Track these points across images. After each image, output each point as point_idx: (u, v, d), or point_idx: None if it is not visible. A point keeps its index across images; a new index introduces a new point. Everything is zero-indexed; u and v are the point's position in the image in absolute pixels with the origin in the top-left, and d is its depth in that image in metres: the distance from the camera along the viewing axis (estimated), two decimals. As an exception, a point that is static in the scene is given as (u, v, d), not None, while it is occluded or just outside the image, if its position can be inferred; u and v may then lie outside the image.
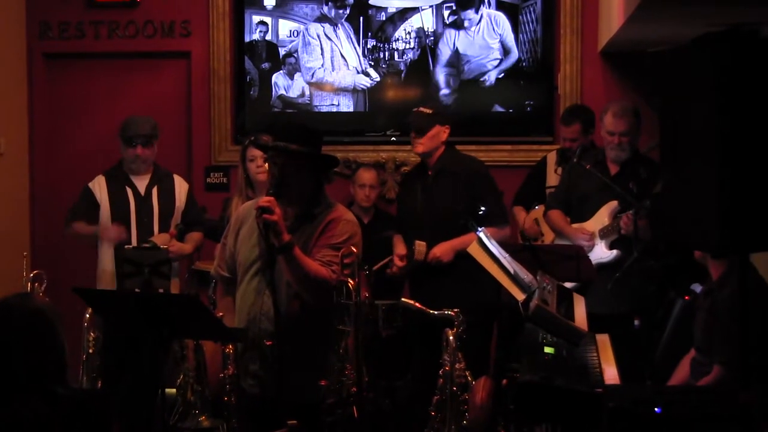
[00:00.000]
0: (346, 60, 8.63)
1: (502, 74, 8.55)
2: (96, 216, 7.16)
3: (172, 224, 7.21)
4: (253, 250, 5.16)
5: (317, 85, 8.69)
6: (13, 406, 3.74)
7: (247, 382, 5.19)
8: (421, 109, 7.12)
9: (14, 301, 4.09)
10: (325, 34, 8.63)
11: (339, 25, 8.61)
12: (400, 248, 7.10)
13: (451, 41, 8.53)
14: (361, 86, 8.66)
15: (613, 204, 6.76)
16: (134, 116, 7.37)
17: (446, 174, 6.98)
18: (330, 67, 8.66)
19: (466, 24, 8.52)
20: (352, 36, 8.63)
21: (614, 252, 6.72)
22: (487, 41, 8.53)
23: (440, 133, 6.97)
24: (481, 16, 8.51)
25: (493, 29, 8.51)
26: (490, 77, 8.55)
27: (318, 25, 8.63)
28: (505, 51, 8.53)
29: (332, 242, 5.11)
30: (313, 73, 8.68)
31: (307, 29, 8.64)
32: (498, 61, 8.53)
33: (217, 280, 5.61)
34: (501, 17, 8.51)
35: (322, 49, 8.65)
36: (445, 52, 8.56)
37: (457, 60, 8.55)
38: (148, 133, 7.20)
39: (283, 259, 4.91)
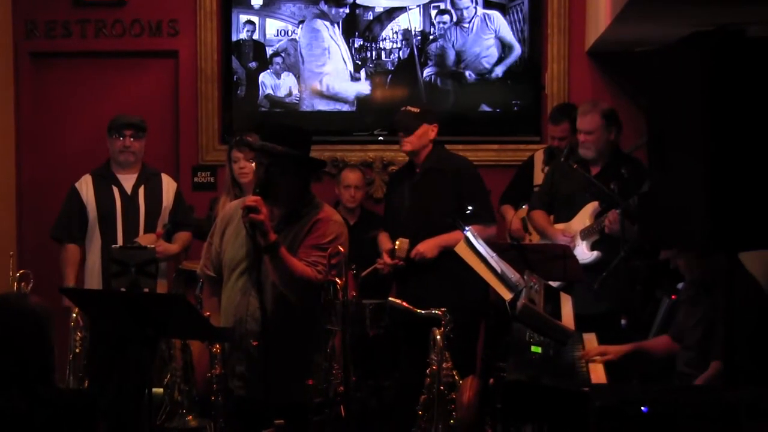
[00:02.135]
0: (345, 62, 8.63)
1: (506, 71, 8.56)
2: (85, 218, 7.16)
3: (160, 224, 7.20)
4: (239, 249, 5.15)
5: (314, 87, 8.68)
6: (10, 397, 3.75)
7: (234, 383, 5.19)
8: (408, 108, 7.10)
9: (9, 299, 4.11)
10: (330, 36, 8.63)
11: (335, 24, 8.61)
12: (386, 244, 7.09)
13: (452, 38, 8.54)
14: (358, 92, 8.66)
15: (595, 204, 6.77)
16: (122, 113, 7.42)
17: (434, 172, 6.98)
18: (334, 70, 8.65)
19: (458, 15, 8.51)
20: (344, 37, 8.63)
21: (595, 253, 6.72)
22: (482, 37, 8.53)
23: (428, 131, 6.97)
24: (475, 13, 8.51)
25: (487, 26, 8.52)
26: (496, 73, 8.55)
27: (321, 22, 8.61)
28: (505, 47, 8.54)
29: (318, 242, 5.10)
30: (321, 80, 8.67)
31: (316, 28, 8.63)
32: (497, 58, 8.54)
33: (204, 280, 5.60)
34: (494, 15, 8.51)
35: (329, 51, 8.64)
36: (447, 48, 8.56)
37: (456, 57, 8.56)
38: (137, 123, 7.21)
39: (269, 259, 4.90)
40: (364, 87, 8.67)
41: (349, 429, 5.46)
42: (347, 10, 8.62)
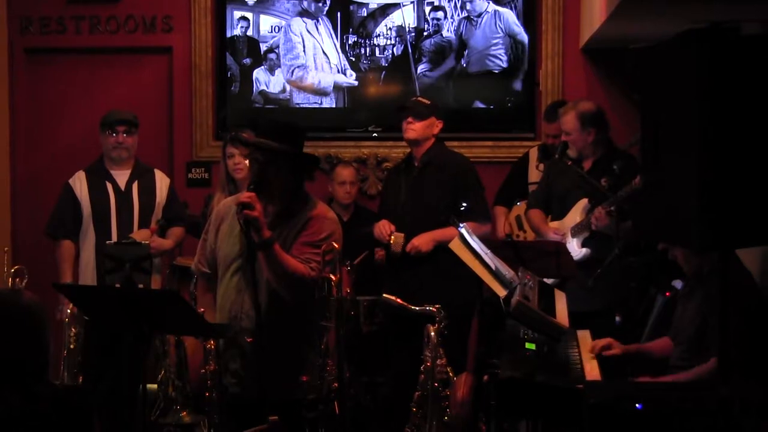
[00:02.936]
0: (327, 56, 8.63)
1: (519, 71, 8.58)
2: (79, 214, 7.15)
3: (153, 220, 7.20)
4: (233, 246, 5.15)
5: (296, 83, 8.68)
6: (4, 394, 3.74)
7: (228, 379, 5.19)
8: (420, 98, 7.24)
9: (3, 295, 4.09)
10: (307, 30, 8.63)
11: (319, 20, 8.61)
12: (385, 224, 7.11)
13: (461, 31, 8.54)
14: (343, 83, 8.66)
15: (585, 201, 6.77)
16: (114, 109, 7.43)
17: (433, 167, 7.01)
18: (312, 64, 8.65)
19: (463, 11, 8.51)
20: (331, 32, 8.62)
21: (584, 250, 6.71)
22: (489, 34, 8.53)
23: (434, 125, 7.06)
24: (486, 10, 8.51)
25: (496, 24, 8.51)
26: (510, 75, 8.58)
27: (300, 20, 8.62)
28: (516, 45, 8.54)
29: (311, 240, 5.10)
30: (292, 71, 8.67)
31: (289, 25, 8.64)
32: (508, 58, 8.55)
33: (198, 276, 5.60)
34: (505, 13, 8.51)
35: (304, 45, 8.64)
36: (442, 45, 8.56)
37: (457, 53, 8.56)
38: (129, 119, 7.20)
39: (263, 256, 4.90)
40: (357, 83, 8.67)
41: (343, 425, 5.47)
42: (340, 6, 8.61)
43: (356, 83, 8.66)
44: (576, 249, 6.71)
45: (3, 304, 3.94)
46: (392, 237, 6.96)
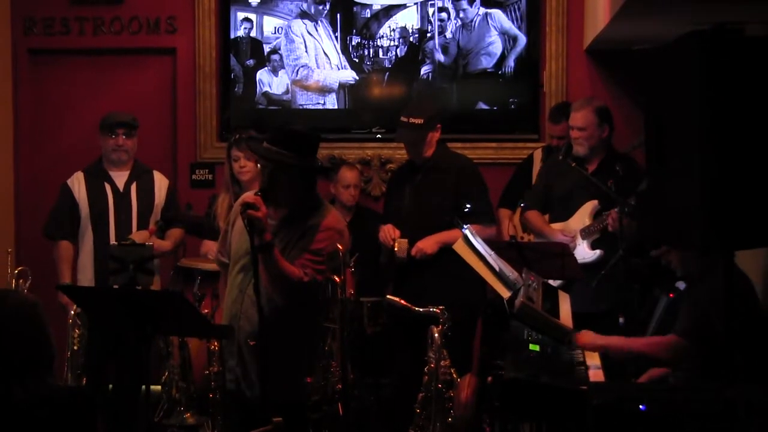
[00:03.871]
0: (328, 57, 8.63)
1: (516, 63, 8.56)
2: (77, 215, 7.14)
3: (152, 221, 7.18)
4: (242, 244, 5.16)
5: (300, 83, 8.68)
6: (9, 393, 3.74)
7: (227, 376, 5.20)
8: (411, 120, 6.95)
9: (6, 295, 4.09)
10: (308, 31, 8.63)
11: (320, 21, 8.61)
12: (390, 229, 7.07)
13: (456, 37, 8.53)
14: (348, 80, 8.65)
15: (594, 203, 6.76)
16: (114, 111, 7.42)
17: (436, 170, 6.96)
18: (314, 64, 8.65)
19: (460, 14, 8.50)
20: (332, 33, 8.62)
21: (597, 252, 6.70)
22: (485, 34, 8.52)
23: (433, 137, 6.96)
24: (477, 12, 8.51)
25: (488, 23, 8.51)
26: (507, 67, 8.55)
27: (300, 21, 8.62)
28: (512, 39, 8.53)
29: (311, 247, 5.09)
30: (297, 71, 8.67)
31: (290, 26, 8.64)
32: (502, 53, 8.54)
33: (220, 268, 5.56)
34: (495, 12, 8.51)
35: (305, 46, 8.64)
36: (445, 46, 8.56)
37: (456, 54, 8.55)
38: (129, 122, 7.20)
39: (261, 258, 4.90)
40: (361, 84, 8.67)
41: (347, 427, 5.48)
42: (343, 8, 8.61)
43: (359, 83, 8.67)
44: (587, 251, 6.69)
45: (5, 303, 3.95)
46: (396, 243, 6.93)
